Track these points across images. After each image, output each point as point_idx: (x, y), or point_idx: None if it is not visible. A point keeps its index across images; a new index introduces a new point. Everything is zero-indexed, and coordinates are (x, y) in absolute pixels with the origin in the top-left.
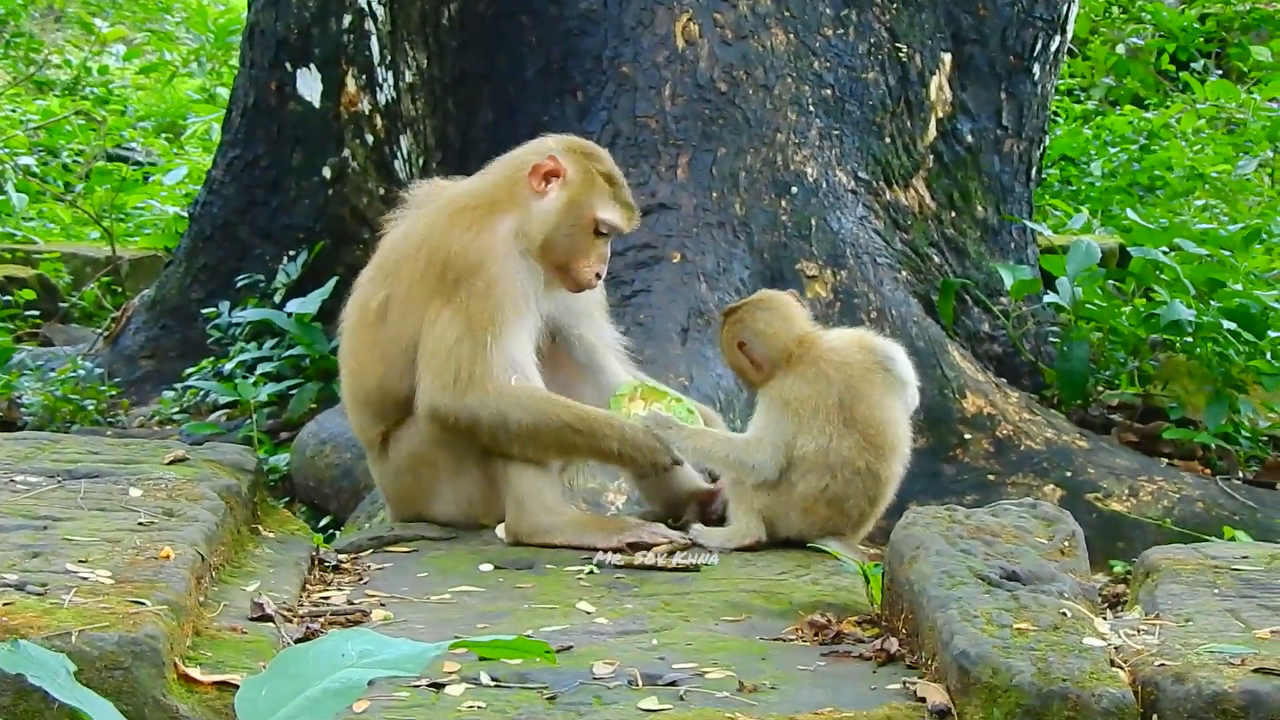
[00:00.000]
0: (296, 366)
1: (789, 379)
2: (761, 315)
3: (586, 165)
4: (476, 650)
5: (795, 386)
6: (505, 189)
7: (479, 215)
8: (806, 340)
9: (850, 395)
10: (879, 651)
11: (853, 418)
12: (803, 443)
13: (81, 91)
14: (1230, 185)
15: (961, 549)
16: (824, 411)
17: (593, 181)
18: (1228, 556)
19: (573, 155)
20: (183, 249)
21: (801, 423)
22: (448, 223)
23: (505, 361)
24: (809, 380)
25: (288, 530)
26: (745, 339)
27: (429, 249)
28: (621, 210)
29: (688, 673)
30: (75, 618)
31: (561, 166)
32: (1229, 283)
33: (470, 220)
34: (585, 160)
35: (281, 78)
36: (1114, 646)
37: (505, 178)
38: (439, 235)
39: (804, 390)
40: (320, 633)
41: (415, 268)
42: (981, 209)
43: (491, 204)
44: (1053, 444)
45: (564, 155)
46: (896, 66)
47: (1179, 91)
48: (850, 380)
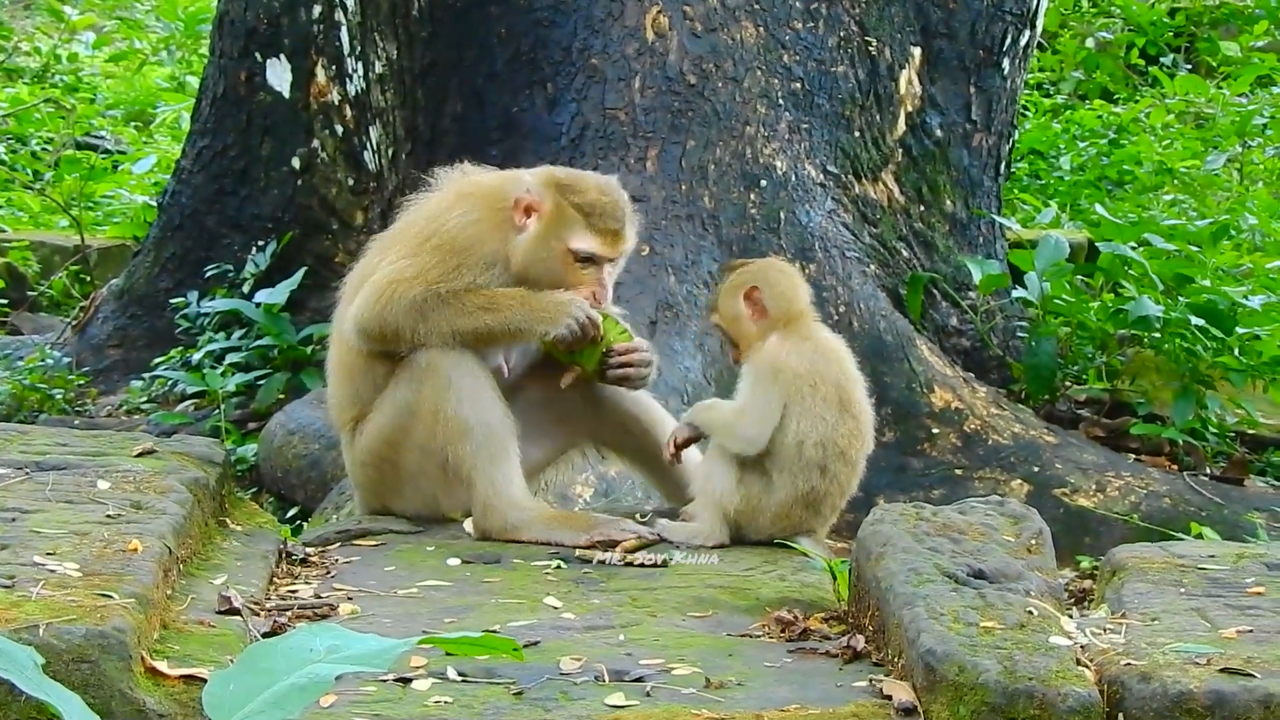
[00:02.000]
0: (265, 357)
1: (784, 348)
2: (774, 272)
3: (559, 199)
4: (444, 646)
5: (791, 358)
6: (500, 207)
7: (479, 206)
8: (806, 315)
9: (845, 378)
10: (845, 649)
11: (850, 399)
12: (799, 429)
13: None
14: (1199, 180)
15: (929, 546)
16: (822, 392)
17: (563, 214)
18: (1194, 555)
19: (548, 189)
20: (151, 238)
21: (798, 402)
22: (451, 204)
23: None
24: (806, 356)
25: (255, 523)
26: (759, 285)
27: (425, 221)
28: (597, 238)
29: (654, 669)
30: (43, 610)
31: (537, 201)
32: (1197, 278)
33: (470, 207)
34: (559, 193)
35: (251, 67)
36: (1080, 645)
37: (501, 197)
38: (439, 213)
39: (799, 364)
40: (288, 627)
41: (408, 233)
42: (950, 203)
43: (489, 207)
44: (1020, 439)
45: (540, 189)
46: (866, 60)
47: (1148, 86)
48: (843, 363)
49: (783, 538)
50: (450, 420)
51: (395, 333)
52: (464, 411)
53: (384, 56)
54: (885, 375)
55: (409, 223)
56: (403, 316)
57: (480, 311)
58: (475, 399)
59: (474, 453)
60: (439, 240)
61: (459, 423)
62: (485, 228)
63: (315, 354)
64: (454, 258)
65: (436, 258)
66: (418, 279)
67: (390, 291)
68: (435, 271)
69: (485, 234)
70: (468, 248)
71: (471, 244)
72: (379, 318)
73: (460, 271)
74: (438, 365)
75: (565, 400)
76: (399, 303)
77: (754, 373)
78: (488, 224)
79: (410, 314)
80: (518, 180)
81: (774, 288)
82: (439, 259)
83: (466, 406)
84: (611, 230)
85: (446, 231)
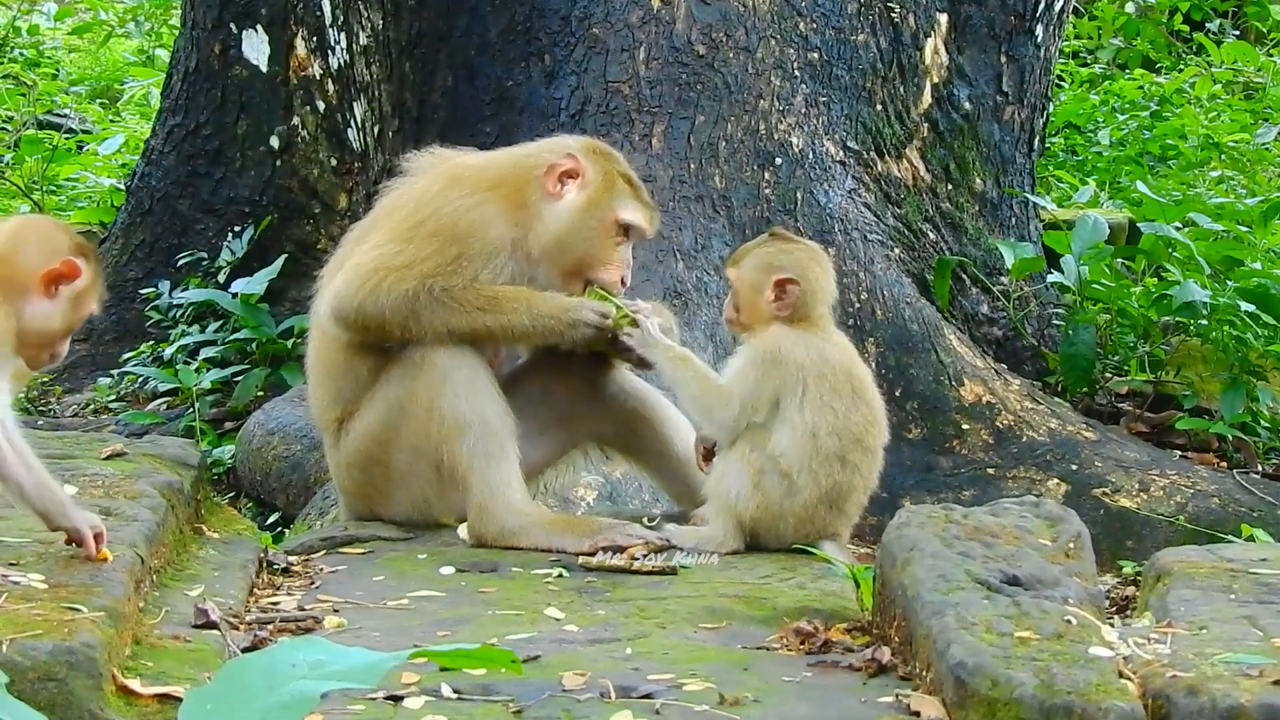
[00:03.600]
0: (242, 351)
1: (789, 337)
2: (817, 269)
3: (606, 166)
4: (437, 660)
5: (796, 348)
6: (514, 182)
7: (479, 189)
8: (825, 319)
9: (855, 366)
10: (870, 661)
11: (863, 385)
12: (808, 420)
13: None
14: (1248, 155)
15: (959, 551)
16: (831, 381)
17: (613, 183)
18: (1245, 559)
19: (592, 156)
20: (119, 224)
21: (799, 394)
22: (445, 186)
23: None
24: (813, 346)
25: (233, 530)
26: (799, 279)
27: (416, 205)
28: (644, 211)
29: (664, 684)
30: (6, 625)
31: (581, 166)
32: (1247, 261)
33: (470, 190)
34: (605, 161)
35: (226, 39)
36: (1122, 656)
37: (517, 169)
38: (432, 196)
39: (803, 355)
40: (269, 641)
41: (396, 217)
42: (980, 181)
43: (496, 185)
44: (1057, 435)
45: (584, 156)
46: (888, 28)
47: (1193, 54)
48: (852, 354)
49: (803, 543)
50: (445, 417)
51: (380, 325)
52: (460, 408)
53: (368, 27)
54: (911, 367)
55: (395, 205)
56: (390, 310)
57: (480, 313)
58: (472, 394)
59: (470, 452)
60: (435, 225)
61: (454, 420)
62: (490, 212)
63: (296, 348)
64: (454, 246)
65: (433, 246)
66: (410, 269)
67: (377, 280)
68: (431, 262)
69: (490, 218)
70: (470, 235)
71: (474, 230)
72: (360, 306)
73: (460, 264)
74: (431, 359)
75: (566, 396)
76: (387, 294)
77: (751, 355)
78: (493, 207)
79: (400, 309)
80: (542, 151)
81: (809, 286)
82: (436, 247)
83: (463, 402)
84: (651, 206)
85: (445, 216)
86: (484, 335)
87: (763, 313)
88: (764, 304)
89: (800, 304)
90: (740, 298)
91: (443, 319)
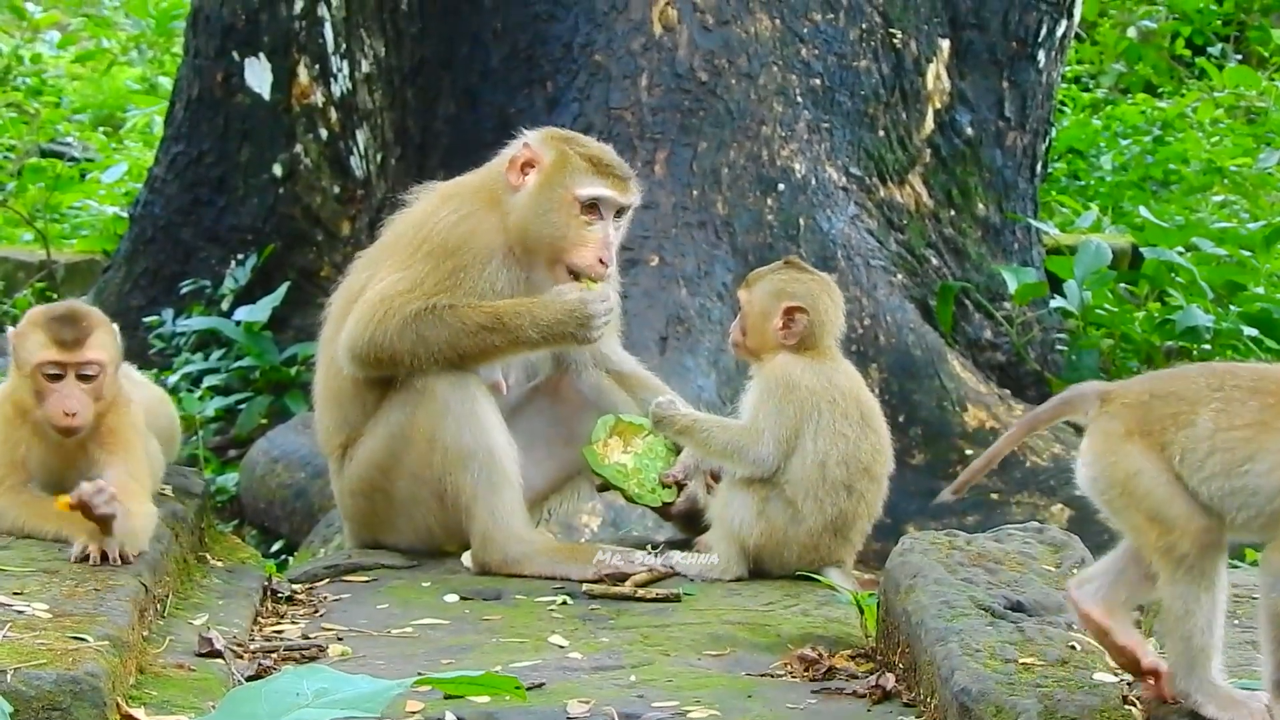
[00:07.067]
0: (245, 379)
1: (798, 364)
2: (827, 301)
3: (562, 148)
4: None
5: (806, 375)
6: (489, 186)
7: (465, 202)
8: (831, 350)
9: (863, 393)
10: (874, 688)
11: (871, 412)
12: (818, 449)
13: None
14: (1251, 180)
15: (962, 577)
16: (842, 407)
17: (567, 161)
18: (1249, 584)
19: (548, 141)
20: (122, 252)
21: (814, 420)
22: (436, 205)
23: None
24: (822, 373)
25: (238, 558)
26: (808, 309)
27: (414, 230)
28: (606, 180)
29: (668, 712)
30: (10, 654)
31: (535, 153)
32: (1250, 285)
33: (457, 205)
34: (561, 144)
35: (228, 67)
36: (1127, 682)
37: (490, 173)
38: (426, 217)
39: (814, 381)
40: (273, 670)
41: (398, 246)
42: (982, 207)
43: (477, 194)
44: (1061, 461)
45: (539, 143)
46: (890, 54)
47: (1195, 78)
48: (859, 380)
49: (807, 570)
50: (448, 448)
51: (391, 356)
52: (463, 437)
53: (371, 54)
54: (914, 393)
55: (397, 235)
56: (397, 337)
57: (487, 333)
58: (474, 423)
59: (473, 481)
60: (431, 245)
61: (457, 450)
62: (475, 220)
63: (299, 375)
64: (449, 260)
65: (430, 264)
66: (413, 291)
67: (383, 309)
68: (431, 280)
69: (477, 226)
70: (461, 245)
71: (465, 240)
72: (371, 339)
73: (457, 275)
74: (433, 387)
75: (569, 422)
76: (392, 320)
77: (764, 387)
78: (478, 215)
79: (405, 333)
80: (508, 150)
81: (818, 316)
82: (433, 265)
83: (465, 432)
84: (619, 175)
85: (437, 234)
86: (495, 356)
87: (769, 339)
88: (771, 330)
89: (807, 333)
90: (748, 321)
91: (450, 343)
